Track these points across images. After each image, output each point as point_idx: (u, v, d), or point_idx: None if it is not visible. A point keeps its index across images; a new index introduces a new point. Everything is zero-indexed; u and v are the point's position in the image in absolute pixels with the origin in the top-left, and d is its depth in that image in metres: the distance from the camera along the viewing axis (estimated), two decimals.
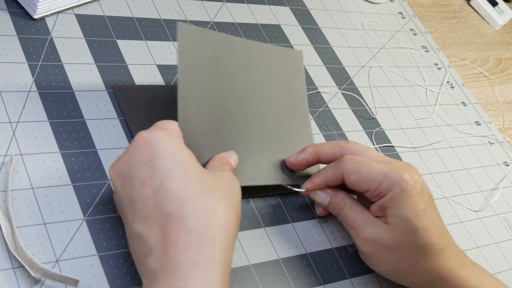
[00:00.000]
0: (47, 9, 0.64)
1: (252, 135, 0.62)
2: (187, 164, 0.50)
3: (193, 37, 0.59)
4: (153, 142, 0.50)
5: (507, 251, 0.75)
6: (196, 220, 0.47)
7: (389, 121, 0.80)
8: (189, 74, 0.57)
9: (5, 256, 0.48)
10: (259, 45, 0.67)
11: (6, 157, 0.53)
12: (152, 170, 0.49)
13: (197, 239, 0.47)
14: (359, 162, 0.59)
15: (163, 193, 0.48)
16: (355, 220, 0.59)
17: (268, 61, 0.66)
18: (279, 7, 0.84)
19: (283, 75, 0.67)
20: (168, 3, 0.74)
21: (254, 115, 0.63)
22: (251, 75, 0.64)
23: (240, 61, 0.63)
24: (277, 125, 0.65)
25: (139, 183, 0.49)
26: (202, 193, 0.49)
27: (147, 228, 0.48)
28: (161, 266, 0.46)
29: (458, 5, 1.10)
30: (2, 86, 0.58)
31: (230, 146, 0.60)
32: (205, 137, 0.58)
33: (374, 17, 0.93)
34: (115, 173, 0.51)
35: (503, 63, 1.04)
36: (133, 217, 0.49)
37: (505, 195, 0.81)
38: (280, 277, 0.58)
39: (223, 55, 0.62)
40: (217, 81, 0.60)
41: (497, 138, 0.88)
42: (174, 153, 0.50)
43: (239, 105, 0.62)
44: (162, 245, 0.47)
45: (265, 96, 0.65)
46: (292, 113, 0.67)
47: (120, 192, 0.51)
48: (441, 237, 0.58)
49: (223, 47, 0.62)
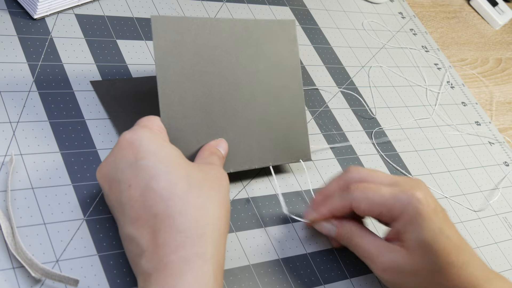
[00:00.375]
0: (47, 9, 0.64)
1: (242, 118, 0.61)
2: (171, 161, 0.49)
3: (169, 27, 0.57)
4: (136, 143, 0.50)
5: (507, 251, 0.75)
6: (183, 218, 0.47)
7: (389, 121, 0.80)
8: (168, 68, 0.57)
9: (5, 256, 0.48)
10: (245, 22, 0.63)
11: (6, 157, 0.53)
12: (137, 171, 0.49)
13: (187, 238, 0.47)
14: (367, 189, 0.57)
15: (149, 193, 0.48)
16: (368, 250, 0.58)
17: (257, 37, 0.64)
18: (279, 7, 0.84)
19: (274, 49, 0.65)
20: (168, 3, 0.74)
21: (244, 97, 0.62)
22: (238, 56, 0.62)
23: (224, 43, 0.61)
24: (267, 103, 0.63)
25: (126, 185, 0.49)
26: (189, 189, 0.48)
27: (137, 230, 0.48)
28: (153, 266, 0.46)
29: (458, 5, 1.10)
30: (2, 86, 0.58)
31: (220, 134, 0.59)
32: (192, 129, 0.57)
33: (374, 17, 0.93)
34: (101, 176, 0.51)
35: (503, 63, 1.04)
36: (124, 220, 0.49)
37: (505, 195, 0.81)
38: (280, 277, 0.58)
39: (205, 40, 0.60)
40: (201, 69, 0.59)
41: (497, 138, 0.88)
42: (157, 151, 0.49)
43: (227, 90, 0.61)
44: (153, 246, 0.47)
45: (255, 75, 0.63)
46: (283, 87, 0.65)
47: (108, 195, 0.51)
48: (460, 254, 0.56)
49: (204, 32, 0.60)
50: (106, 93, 0.62)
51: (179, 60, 0.57)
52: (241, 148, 0.60)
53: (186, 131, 0.57)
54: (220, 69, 0.60)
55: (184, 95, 0.57)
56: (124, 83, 0.64)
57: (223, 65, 0.61)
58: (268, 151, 0.63)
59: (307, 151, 0.66)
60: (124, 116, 0.61)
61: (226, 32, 0.61)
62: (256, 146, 0.62)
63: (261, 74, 0.63)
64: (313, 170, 0.68)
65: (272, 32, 0.65)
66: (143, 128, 0.51)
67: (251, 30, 0.63)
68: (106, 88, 0.62)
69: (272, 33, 0.65)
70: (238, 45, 0.62)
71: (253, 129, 0.62)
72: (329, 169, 0.69)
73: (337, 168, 0.70)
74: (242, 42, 0.62)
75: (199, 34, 0.59)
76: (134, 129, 0.51)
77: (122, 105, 0.62)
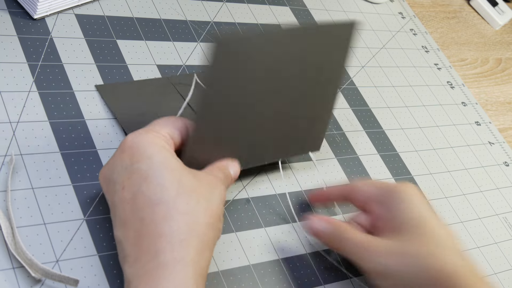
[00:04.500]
0: (47, 9, 0.64)
1: (270, 119, 0.59)
2: (165, 165, 0.49)
3: (232, 52, 0.52)
4: (134, 146, 0.50)
5: (507, 251, 0.75)
6: (166, 223, 0.47)
7: (389, 121, 0.80)
8: (220, 88, 0.53)
9: (5, 256, 0.48)
10: (305, 30, 0.58)
11: (6, 157, 0.53)
12: (131, 174, 0.49)
13: (167, 243, 0.46)
14: (366, 180, 0.62)
15: (139, 197, 0.48)
16: (356, 253, 0.57)
17: (312, 46, 0.58)
18: (279, 7, 0.84)
19: (328, 53, 0.60)
20: (168, 3, 0.74)
21: (281, 101, 0.59)
22: (294, 69, 0.58)
23: (284, 58, 0.57)
24: (300, 103, 0.60)
25: (119, 187, 0.49)
26: (177, 194, 0.48)
27: (124, 234, 0.48)
28: (134, 272, 0.46)
29: (458, 5, 1.09)
30: (2, 86, 0.58)
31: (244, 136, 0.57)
32: (219, 144, 0.56)
33: (374, 17, 0.93)
34: (102, 176, 0.51)
35: (503, 63, 1.04)
36: (114, 222, 0.49)
37: (505, 195, 0.81)
38: (280, 277, 0.58)
39: (261, 60, 0.55)
40: (249, 90, 0.56)
41: (497, 138, 0.88)
42: (153, 155, 0.49)
43: (270, 101, 0.58)
44: (136, 252, 0.46)
45: (301, 81, 0.59)
46: (322, 88, 0.62)
47: (106, 196, 0.51)
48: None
49: (261, 53, 0.54)
50: (112, 96, 0.62)
51: (233, 83, 0.54)
52: (258, 145, 0.59)
53: (213, 144, 0.55)
54: (269, 88, 0.57)
55: (225, 121, 0.55)
56: (129, 85, 0.64)
57: (273, 84, 0.57)
58: (282, 146, 0.62)
59: (318, 143, 0.65)
60: (132, 117, 0.61)
61: (287, 46, 0.56)
62: (274, 142, 0.61)
63: (308, 79, 0.60)
64: (313, 170, 0.68)
65: (328, 38, 0.60)
66: (148, 132, 0.51)
67: (308, 39, 0.58)
68: (111, 91, 0.62)
69: (331, 37, 0.60)
70: (293, 59, 0.58)
71: (277, 127, 0.60)
72: (329, 169, 0.69)
73: (337, 168, 0.70)
74: (301, 54, 0.58)
75: (256, 55, 0.54)
76: (138, 133, 0.51)
77: (129, 107, 0.62)
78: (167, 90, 0.65)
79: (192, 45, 0.72)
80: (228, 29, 0.75)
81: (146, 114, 0.61)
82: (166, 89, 0.65)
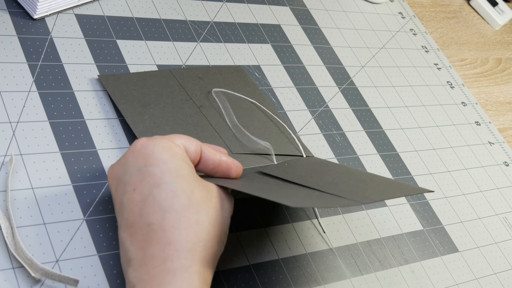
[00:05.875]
0: (47, 9, 0.64)
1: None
2: (179, 173, 0.49)
3: None
4: (149, 149, 0.49)
5: (507, 251, 0.75)
6: (176, 232, 0.47)
7: (389, 121, 0.80)
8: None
9: (5, 256, 0.48)
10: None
11: (6, 157, 0.53)
12: (144, 176, 0.48)
13: (175, 250, 0.46)
14: None
15: (149, 201, 0.47)
16: None
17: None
18: (279, 7, 0.84)
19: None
20: (168, 3, 0.74)
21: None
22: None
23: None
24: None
25: (130, 188, 0.48)
26: (188, 204, 0.48)
27: (130, 236, 0.47)
28: (139, 277, 0.46)
29: (458, 5, 1.10)
30: (2, 86, 0.58)
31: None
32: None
33: (374, 17, 0.93)
34: (112, 175, 0.51)
35: (503, 63, 1.04)
36: (120, 223, 0.49)
37: (505, 195, 0.81)
38: (280, 277, 0.58)
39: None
40: None
41: (497, 138, 0.88)
42: (168, 161, 0.49)
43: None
44: (141, 256, 0.46)
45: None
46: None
47: (114, 195, 0.51)
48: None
49: None
50: (115, 86, 0.62)
51: None
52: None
53: None
54: None
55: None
56: (132, 76, 0.64)
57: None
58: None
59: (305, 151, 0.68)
60: (134, 108, 0.61)
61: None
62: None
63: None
64: None
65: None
66: (162, 138, 0.51)
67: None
68: (114, 81, 0.62)
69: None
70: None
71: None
72: None
73: None
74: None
75: None
76: (153, 137, 0.51)
77: (132, 98, 0.62)
78: (169, 83, 0.65)
79: (192, 45, 0.72)
80: None
81: (148, 105, 0.61)
82: (168, 81, 0.65)
